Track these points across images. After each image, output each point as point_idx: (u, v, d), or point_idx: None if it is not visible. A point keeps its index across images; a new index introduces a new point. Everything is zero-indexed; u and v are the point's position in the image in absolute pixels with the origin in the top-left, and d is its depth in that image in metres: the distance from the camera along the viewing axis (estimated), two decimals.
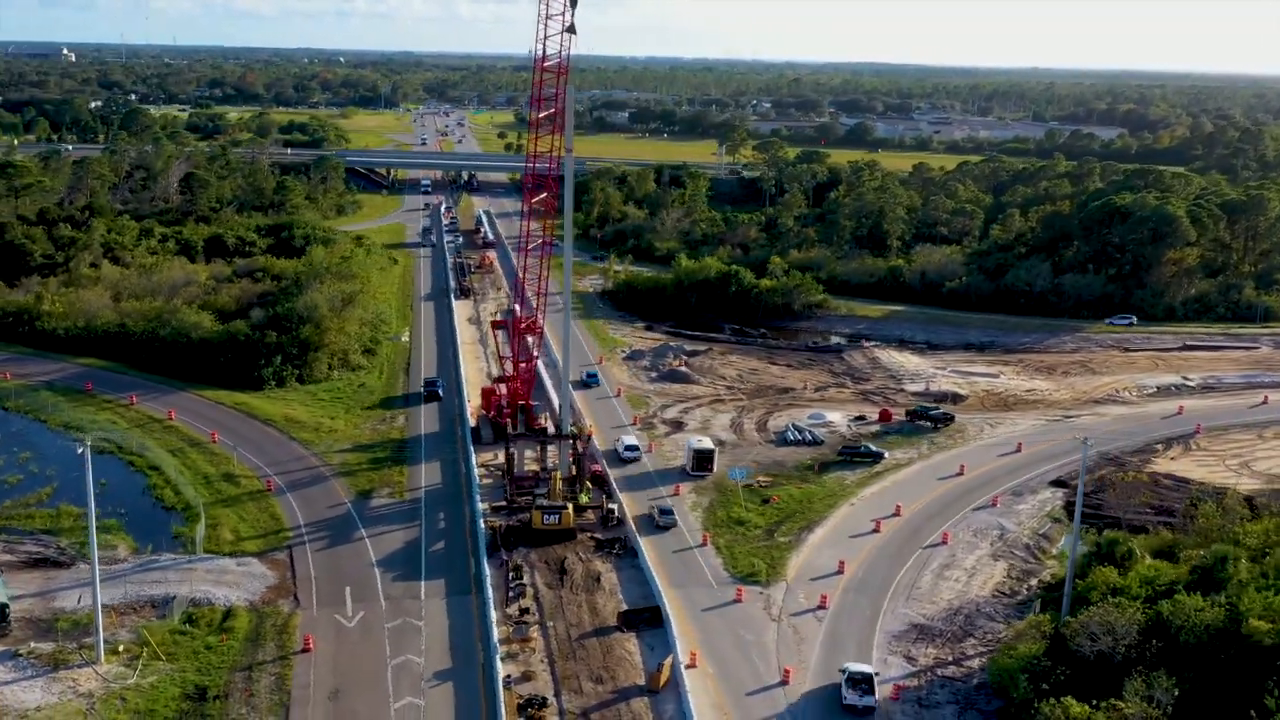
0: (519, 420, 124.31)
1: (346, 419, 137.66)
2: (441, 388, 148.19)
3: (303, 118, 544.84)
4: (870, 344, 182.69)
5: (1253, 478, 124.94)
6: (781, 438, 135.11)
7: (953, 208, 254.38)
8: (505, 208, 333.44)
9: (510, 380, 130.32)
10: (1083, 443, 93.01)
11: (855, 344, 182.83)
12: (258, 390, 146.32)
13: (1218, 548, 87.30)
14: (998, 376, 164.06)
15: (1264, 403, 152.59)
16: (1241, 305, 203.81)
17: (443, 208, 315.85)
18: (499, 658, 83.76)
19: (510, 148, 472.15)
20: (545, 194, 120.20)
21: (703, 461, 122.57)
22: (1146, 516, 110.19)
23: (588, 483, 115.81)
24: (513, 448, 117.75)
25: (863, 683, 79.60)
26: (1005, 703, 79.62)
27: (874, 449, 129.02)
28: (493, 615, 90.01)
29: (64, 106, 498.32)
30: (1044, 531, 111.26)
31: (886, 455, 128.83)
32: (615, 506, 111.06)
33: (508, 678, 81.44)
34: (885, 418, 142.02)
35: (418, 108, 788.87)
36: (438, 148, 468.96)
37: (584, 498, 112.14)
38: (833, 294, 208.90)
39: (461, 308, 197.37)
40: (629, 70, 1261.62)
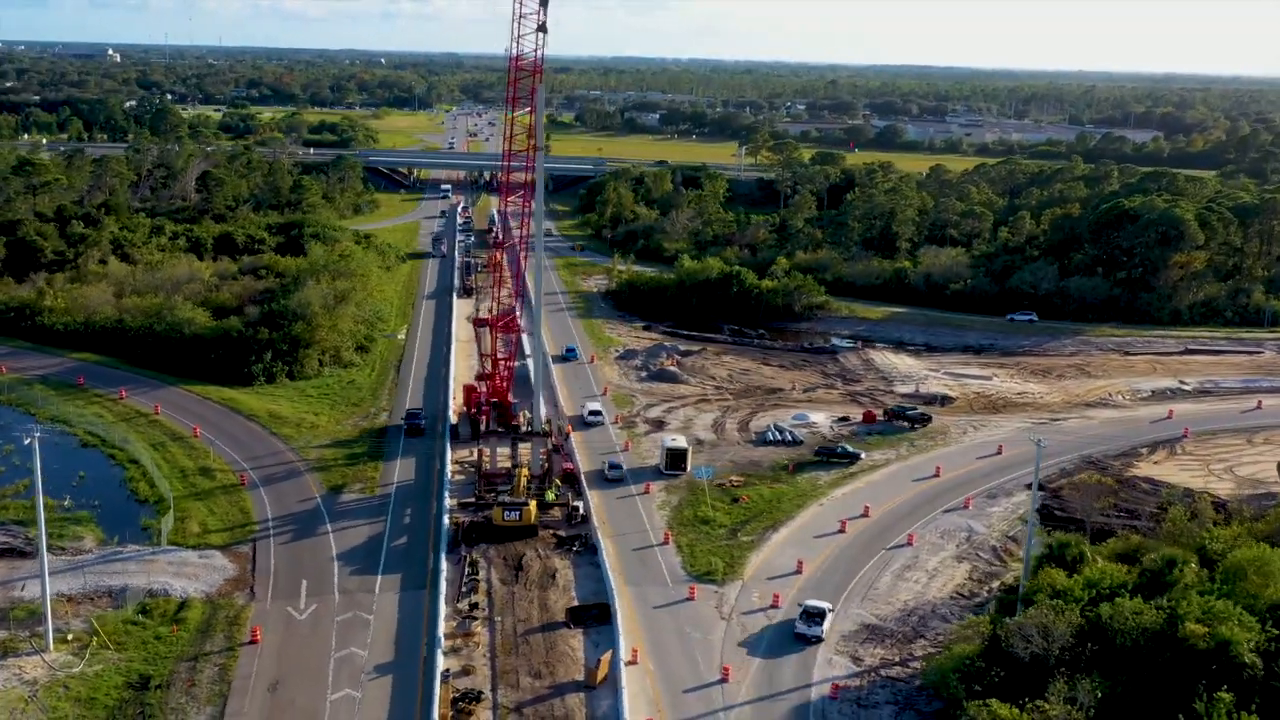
0: (493, 417, 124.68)
1: (330, 415, 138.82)
2: (424, 419, 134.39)
3: (334, 118, 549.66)
4: (864, 345, 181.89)
5: (1235, 483, 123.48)
6: (761, 438, 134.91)
7: (962, 210, 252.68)
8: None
9: (490, 377, 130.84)
10: (1037, 444, 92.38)
11: (851, 345, 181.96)
12: (247, 386, 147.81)
13: (1167, 551, 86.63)
14: (990, 379, 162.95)
15: (1258, 408, 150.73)
16: (1250, 309, 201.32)
17: (459, 207, 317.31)
18: (441, 652, 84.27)
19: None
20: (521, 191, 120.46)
21: (676, 460, 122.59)
22: (1112, 519, 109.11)
23: (556, 480, 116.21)
24: (484, 445, 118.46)
25: (816, 616, 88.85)
26: (946, 704, 79.25)
27: (850, 450, 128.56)
28: (442, 610, 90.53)
29: (98, 106, 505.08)
30: (1013, 534, 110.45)
31: (863, 456, 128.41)
32: (580, 504, 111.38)
33: (446, 671, 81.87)
34: (869, 419, 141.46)
35: (452, 109, 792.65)
36: (465, 148, 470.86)
37: (550, 495, 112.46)
38: (839, 296, 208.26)
39: (463, 306, 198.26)
40: (668, 72, 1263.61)
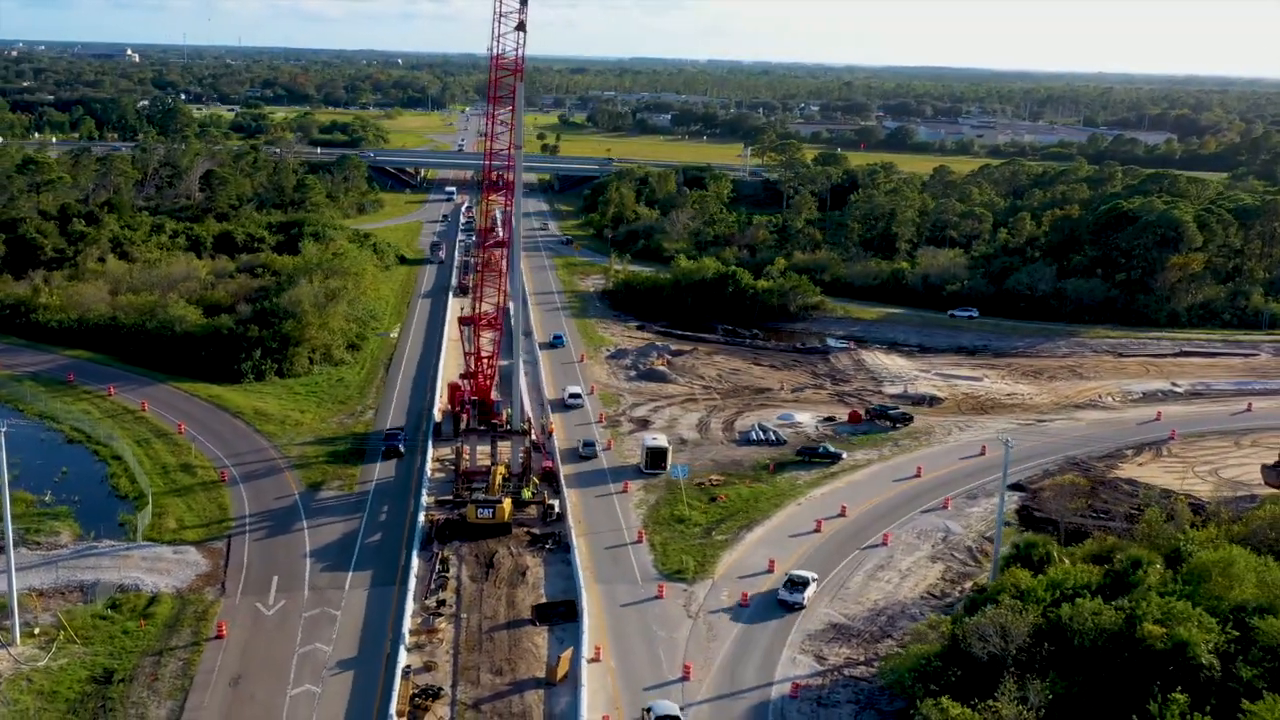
0: (473, 415, 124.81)
1: (316, 413, 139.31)
2: (403, 440, 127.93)
3: (346, 118, 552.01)
4: (858, 346, 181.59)
5: (1218, 485, 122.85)
6: (745, 437, 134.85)
7: (962, 210, 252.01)
8: (528, 208, 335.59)
9: (474, 375, 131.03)
10: (1005, 445, 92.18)
11: (844, 345, 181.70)
12: (236, 383, 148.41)
13: (1133, 552, 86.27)
14: (981, 380, 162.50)
15: (1248, 410, 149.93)
16: (1249, 312, 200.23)
17: (464, 207, 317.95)
18: (405, 648, 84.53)
19: (546, 149, 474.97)
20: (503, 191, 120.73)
21: (657, 459, 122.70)
22: (1087, 520, 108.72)
23: (534, 479, 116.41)
24: (464, 443, 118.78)
25: (799, 584, 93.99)
26: (907, 703, 79.07)
27: (832, 450, 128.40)
28: (409, 607, 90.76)
29: (111, 106, 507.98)
30: (990, 535, 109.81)
31: (845, 456, 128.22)
32: (556, 503, 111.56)
33: (407, 668, 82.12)
34: (855, 419, 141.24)
35: (465, 109, 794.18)
36: (475, 148, 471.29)
37: (526, 493, 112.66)
38: (836, 296, 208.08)
39: (458, 305, 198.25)
40: (684, 73, 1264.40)
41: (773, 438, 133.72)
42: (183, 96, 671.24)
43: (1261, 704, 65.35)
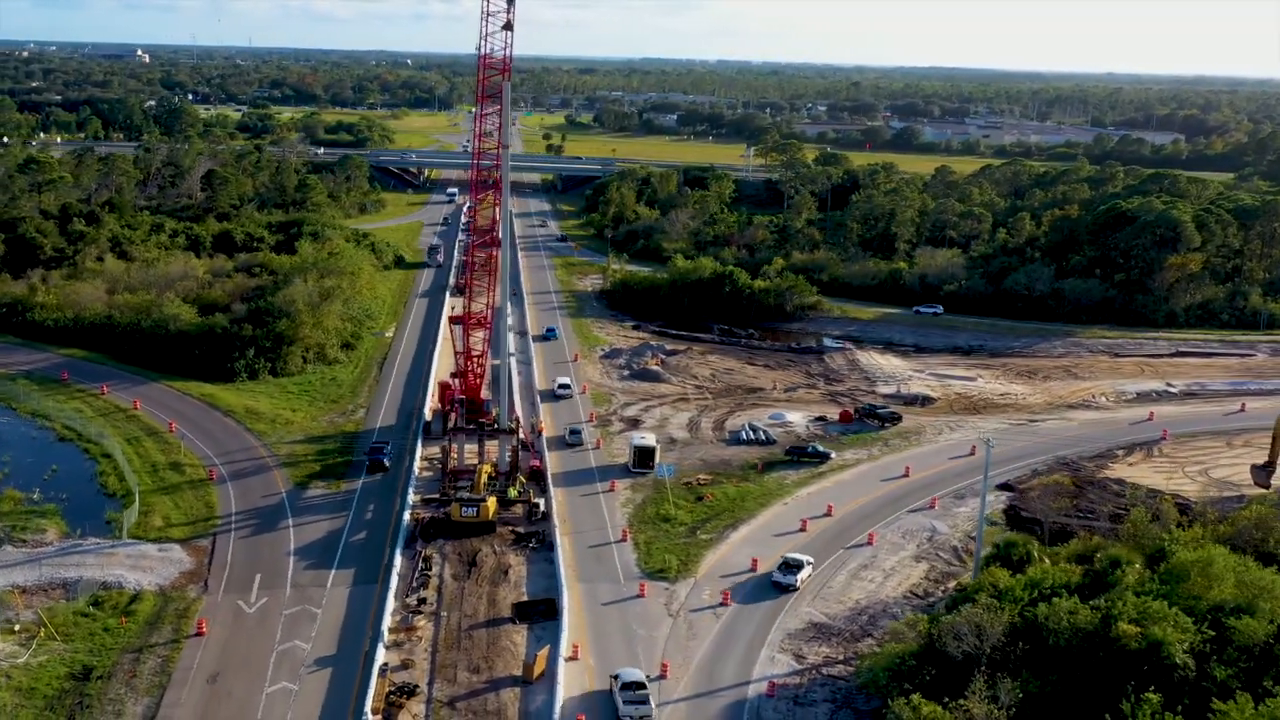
0: (461, 414, 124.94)
1: (307, 411, 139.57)
2: (388, 454, 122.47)
3: (353, 118, 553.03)
4: (854, 346, 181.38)
5: (1207, 485, 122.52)
6: (735, 437, 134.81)
7: (961, 211, 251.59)
8: (529, 208, 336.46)
9: (463, 374, 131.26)
10: (985, 443, 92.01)
11: (839, 345, 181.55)
12: (229, 382, 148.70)
13: (1112, 551, 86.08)
14: (974, 380, 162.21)
15: (1241, 410, 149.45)
16: (1247, 312, 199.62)
17: (465, 208, 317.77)
18: (383, 646, 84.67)
19: (551, 149, 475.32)
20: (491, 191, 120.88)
21: (644, 458, 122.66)
22: (1072, 520, 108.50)
23: (521, 478, 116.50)
24: (451, 441, 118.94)
25: (793, 567, 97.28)
26: (884, 702, 78.97)
27: (821, 449, 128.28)
28: (390, 605, 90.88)
29: (118, 106, 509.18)
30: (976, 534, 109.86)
31: (834, 456, 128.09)
32: (541, 501, 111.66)
33: (385, 665, 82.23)
34: (846, 419, 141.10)
35: (471, 109, 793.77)
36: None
37: (512, 491, 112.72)
38: (834, 296, 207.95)
39: (455, 305, 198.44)
40: (692, 73, 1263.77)
41: (763, 437, 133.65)
42: (190, 97, 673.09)
43: (1231, 704, 65.23)
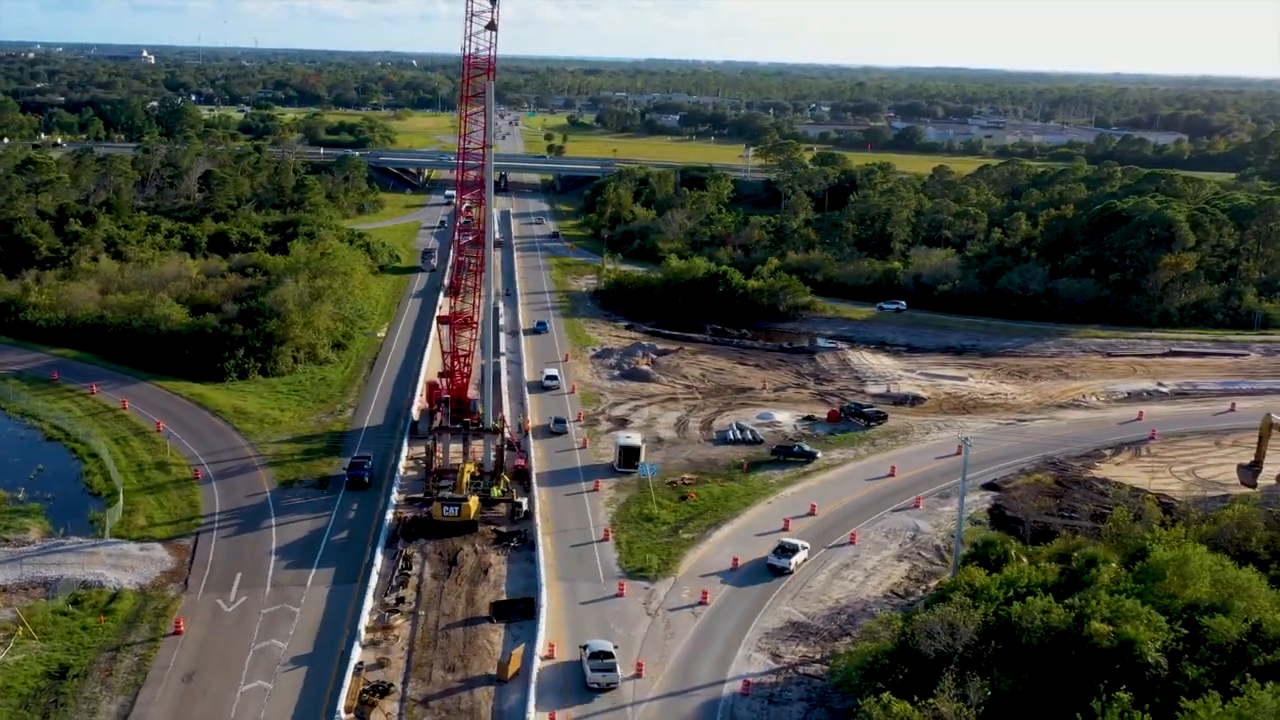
0: (446, 414, 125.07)
1: (295, 411, 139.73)
2: (369, 470, 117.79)
3: (355, 119, 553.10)
4: (846, 345, 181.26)
5: (1194, 485, 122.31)
6: (722, 436, 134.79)
7: (957, 211, 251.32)
8: (528, 208, 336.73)
9: (450, 374, 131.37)
10: (964, 442, 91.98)
11: (831, 345, 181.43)
12: (219, 382, 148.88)
13: (1089, 550, 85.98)
14: (965, 380, 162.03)
15: (1231, 410, 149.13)
16: (1241, 312, 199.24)
17: (464, 206, 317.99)
18: (360, 645, 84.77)
19: (551, 149, 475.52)
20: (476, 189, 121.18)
21: (630, 458, 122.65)
22: (1054, 519, 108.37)
23: (505, 477, 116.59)
24: (435, 441, 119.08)
25: (788, 551, 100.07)
26: (857, 701, 78.84)
27: (807, 449, 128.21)
28: (368, 604, 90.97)
29: (120, 107, 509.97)
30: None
31: (820, 455, 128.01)
32: (524, 501, 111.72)
33: (360, 664, 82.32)
34: (834, 418, 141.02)
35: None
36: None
37: (496, 491, 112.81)
38: (828, 296, 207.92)
39: (447, 304, 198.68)
40: (697, 74, 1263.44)
41: (749, 437, 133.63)
42: (194, 98, 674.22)
43: (1200, 702, 65.10)
